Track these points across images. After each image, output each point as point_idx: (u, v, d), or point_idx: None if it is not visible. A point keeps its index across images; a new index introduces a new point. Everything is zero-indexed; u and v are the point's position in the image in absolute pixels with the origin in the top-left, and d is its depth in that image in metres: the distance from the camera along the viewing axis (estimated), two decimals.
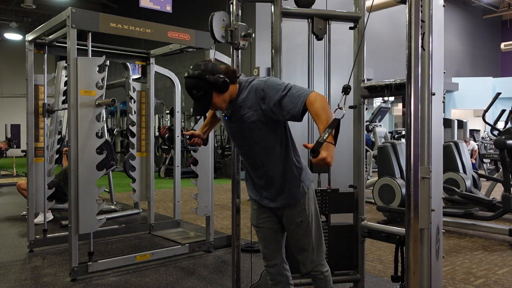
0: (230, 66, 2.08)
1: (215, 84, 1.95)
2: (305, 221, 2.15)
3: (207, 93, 1.97)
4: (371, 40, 6.80)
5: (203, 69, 1.96)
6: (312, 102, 1.87)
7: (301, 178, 2.15)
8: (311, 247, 2.18)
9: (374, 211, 5.76)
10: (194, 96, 1.98)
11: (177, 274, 3.58)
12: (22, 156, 16.84)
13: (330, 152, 1.75)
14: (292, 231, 2.19)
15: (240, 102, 2.05)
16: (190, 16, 12.01)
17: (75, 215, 3.31)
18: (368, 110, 12.71)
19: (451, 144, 6.11)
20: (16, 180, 9.59)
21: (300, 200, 2.15)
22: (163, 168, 11.18)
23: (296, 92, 1.92)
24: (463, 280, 3.42)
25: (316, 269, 2.21)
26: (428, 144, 2.16)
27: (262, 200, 2.21)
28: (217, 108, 2.06)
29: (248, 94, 2.03)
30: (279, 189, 2.13)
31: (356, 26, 2.79)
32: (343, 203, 2.77)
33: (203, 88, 1.96)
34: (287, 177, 2.11)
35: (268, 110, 1.97)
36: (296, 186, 2.13)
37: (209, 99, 1.99)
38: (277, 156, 2.09)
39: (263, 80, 2.02)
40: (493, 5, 18.46)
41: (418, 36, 1.92)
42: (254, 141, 2.07)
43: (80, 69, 3.34)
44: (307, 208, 2.16)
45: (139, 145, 4.95)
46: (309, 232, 2.16)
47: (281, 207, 2.17)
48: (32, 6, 14.01)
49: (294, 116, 1.93)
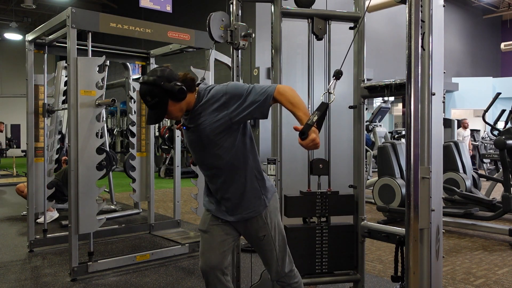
0: (188, 74, 1.97)
1: (171, 92, 1.85)
2: (268, 235, 2.07)
3: (162, 101, 1.87)
4: (371, 40, 6.81)
5: (159, 75, 1.86)
6: (281, 92, 1.85)
7: (262, 190, 2.06)
8: (275, 259, 2.10)
9: (374, 211, 5.76)
10: (148, 104, 1.88)
11: (177, 274, 3.58)
12: (22, 156, 16.84)
13: (317, 135, 1.75)
14: (256, 245, 2.12)
15: (198, 110, 1.95)
16: (190, 16, 12.01)
17: (75, 215, 3.31)
18: (368, 110, 12.72)
19: (451, 144, 6.11)
20: (16, 180, 9.60)
21: (261, 213, 2.05)
22: (163, 168, 11.17)
23: (261, 88, 1.89)
24: (463, 280, 3.42)
25: (282, 280, 2.15)
26: (428, 144, 2.16)
27: (219, 213, 2.09)
28: (172, 117, 1.95)
29: (208, 102, 1.93)
30: (239, 202, 2.03)
31: (356, 26, 2.79)
32: (343, 205, 2.76)
33: (158, 95, 1.85)
34: (247, 189, 2.02)
35: (232, 112, 1.89)
36: (257, 198, 2.04)
37: (164, 107, 1.88)
38: (237, 168, 2.00)
39: (224, 85, 1.95)
40: (493, 5, 18.45)
41: (418, 36, 1.92)
42: (213, 151, 1.97)
43: (80, 69, 3.34)
44: (269, 221, 2.07)
45: (139, 145, 4.95)
46: (273, 245, 2.08)
47: (241, 221, 2.06)
48: (32, 6, 14.00)
49: (262, 111, 1.89)
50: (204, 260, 2.07)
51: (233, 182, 2.02)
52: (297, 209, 2.69)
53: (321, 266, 2.73)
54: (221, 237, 2.08)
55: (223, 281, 2.07)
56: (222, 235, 2.08)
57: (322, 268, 2.74)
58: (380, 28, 13.17)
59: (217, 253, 2.06)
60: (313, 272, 2.74)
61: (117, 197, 7.18)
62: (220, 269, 2.06)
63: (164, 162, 11.28)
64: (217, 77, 4.31)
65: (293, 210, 2.68)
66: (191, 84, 1.94)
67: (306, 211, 2.70)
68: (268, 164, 2.70)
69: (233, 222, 2.09)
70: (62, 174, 5.58)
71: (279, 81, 2.67)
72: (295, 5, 2.74)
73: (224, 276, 2.09)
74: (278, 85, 1.89)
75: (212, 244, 2.07)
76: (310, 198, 2.69)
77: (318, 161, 2.72)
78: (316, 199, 2.70)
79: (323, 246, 2.73)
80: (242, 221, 2.07)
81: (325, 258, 2.73)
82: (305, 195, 2.70)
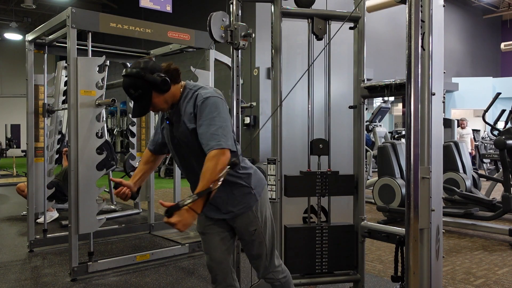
0: (172, 64, 1.91)
1: (154, 83, 1.82)
2: (258, 229, 2.05)
3: (145, 93, 1.84)
4: (371, 40, 6.80)
5: (141, 67, 1.82)
6: (212, 156, 1.72)
7: (252, 185, 2.02)
8: (264, 254, 2.09)
9: (374, 211, 5.76)
10: (132, 96, 1.85)
11: (177, 274, 3.58)
12: (22, 156, 16.85)
13: (184, 220, 1.62)
14: (246, 240, 2.09)
15: (182, 107, 1.90)
16: (190, 16, 12.00)
17: (75, 215, 3.31)
18: (368, 110, 12.72)
19: (451, 144, 6.11)
20: (16, 180, 9.59)
21: (252, 207, 2.02)
22: (163, 168, 11.17)
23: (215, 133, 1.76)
24: (463, 280, 3.42)
25: (270, 276, 2.13)
26: (428, 144, 2.16)
27: (211, 213, 2.05)
28: (157, 109, 1.92)
29: (190, 101, 1.89)
30: (227, 200, 1.99)
31: (356, 26, 2.79)
32: (343, 185, 2.76)
33: (141, 87, 1.82)
34: (235, 187, 1.98)
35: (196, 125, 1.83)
36: (247, 193, 2.01)
37: (148, 100, 1.85)
38: None
39: (204, 97, 1.85)
40: (493, 5, 18.45)
41: (418, 36, 1.92)
42: (195, 152, 1.90)
43: (80, 69, 3.33)
44: (259, 215, 2.05)
45: (139, 145, 4.95)
46: (263, 239, 2.07)
47: (233, 217, 2.03)
48: (32, 6, 14.00)
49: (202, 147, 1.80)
50: (209, 257, 2.08)
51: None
52: (297, 188, 2.69)
53: (321, 266, 2.73)
54: (220, 234, 2.07)
55: (229, 278, 2.07)
56: (220, 233, 2.08)
57: (322, 268, 2.74)
58: (380, 28, 13.17)
59: (219, 251, 2.06)
60: (313, 272, 2.73)
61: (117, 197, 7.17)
62: (227, 264, 2.07)
63: (164, 162, 11.28)
64: (217, 77, 4.32)
65: (293, 189, 2.68)
66: (175, 75, 1.90)
67: (306, 190, 2.70)
68: (268, 164, 2.70)
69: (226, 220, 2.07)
70: (62, 174, 5.58)
71: (279, 81, 2.67)
72: (295, 5, 2.74)
73: (232, 274, 2.10)
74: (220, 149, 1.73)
75: (214, 243, 2.07)
76: (310, 177, 2.69)
77: (318, 141, 2.73)
78: (316, 178, 2.69)
79: (323, 246, 2.73)
80: (234, 217, 2.04)
81: (325, 258, 2.73)
82: (305, 175, 2.70)
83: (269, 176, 2.67)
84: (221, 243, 2.07)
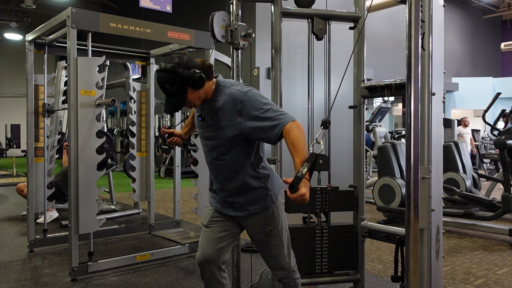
0: (207, 61, 1.94)
1: (190, 79, 1.83)
2: (274, 229, 2.06)
3: (181, 89, 1.85)
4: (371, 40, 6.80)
5: (177, 62, 1.83)
6: (289, 130, 1.77)
7: (269, 186, 2.05)
8: (282, 254, 2.10)
9: (374, 211, 5.76)
10: (167, 91, 1.86)
11: (177, 274, 3.58)
12: (22, 156, 16.85)
13: (308, 189, 1.70)
14: (261, 241, 2.10)
15: (217, 105, 1.93)
16: (190, 16, 12.00)
17: (75, 215, 3.31)
18: (368, 110, 12.71)
19: (451, 144, 6.11)
20: (16, 180, 9.59)
21: (269, 208, 2.05)
22: (163, 168, 11.18)
23: (275, 116, 1.81)
24: (463, 280, 3.42)
25: (287, 276, 2.14)
26: (428, 144, 2.16)
27: (224, 209, 2.09)
28: (191, 105, 1.94)
29: (226, 100, 1.91)
30: (246, 200, 2.02)
31: (356, 26, 2.79)
32: (343, 201, 2.76)
33: (177, 83, 1.83)
34: (254, 188, 2.01)
35: (244, 126, 1.87)
36: (265, 195, 2.03)
37: (183, 95, 1.86)
38: (245, 168, 1.99)
39: (243, 91, 1.89)
40: (493, 5, 18.45)
41: (418, 36, 1.92)
42: (225, 151, 1.96)
43: (80, 69, 3.34)
44: (276, 215, 2.06)
45: (139, 145, 4.95)
46: (280, 240, 2.08)
47: (248, 216, 2.05)
48: (32, 6, 14.01)
49: (268, 141, 1.85)
50: (200, 253, 2.07)
51: (240, 182, 2.00)
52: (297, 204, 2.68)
53: (321, 266, 2.73)
54: (220, 233, 2.08)
55: (217, 276, 2.07)
56: (221, 231, 2.08)
57: (322, 268, 2.73)
58: (380, 28, 13.17)
59: (213, 248, 2.05)
60: (313, 272, 2.73)
61: (117, 197, 7.18)
62: (216, 264, 2.05)
63: (164, 162, 11.29)
64: None
65: (293, 206, 2.68)
66: (209, 71, 1.92)
67: (306, 206, 2.69)
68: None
69: (238, 217, 2.08)
70: (62, 174, 5.58)
71: (279, 81, 2.67)
72: (295, 5, 2.74)
73: (220, 272, 2.08)
74: (291, 121, 1.79)
75: (211, 239, 2.07)
76: (310, 193, 2.68)
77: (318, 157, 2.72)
78: (316, 194, 2.69)
79: (323, 246, 2.73)
80: (249, 216, 2.05)
81: (325, 258, 2.73)
82: None
83: None
84: (218, 240, 2.07)
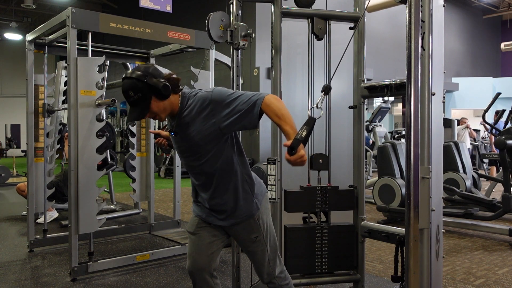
0: (174, 74, 1.92)
1: (155, 88, 1.80)
2: (260, 235, 2.06)
3: (145, 97, 1.82)
4: (371, 40, 6.80)
5: (143, 70, 1.83)
6: (268, 103, 1.79)
7: (254, 193, 2.05)
8: (266, 260, 2.10)
9: (374, 211, 5.76)
10: (130, 99, 1.83)
11: (177, 274, 3.58)
12: (22, 156, 16.85)
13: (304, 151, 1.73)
14: (247, 247, 2.10)
15: (186, 117, 1.90)
16: (190, 16, 12.00)
17: (75, 215, 3.31)
18: (368, 110, 12.72)
19: (451, 144, 6.11)
20: (16, 180, 9.59)
21: (254, 216, 2.04)
22: (163, 168, 11.18)
23: (248, 96, 1.83)
24: (463, 280, 3.42)
25: (273, 281, 2.14)
26: (428, 144, 2.16)
27: (209, 219, 2.07)
28: (155, 116, 1.90)
29: (194, 108, 1.89)
30: (231, 208, 2.01)
31: (356, 26, 2.79)
32: (343, 200, 2.76)
33: (141, 90, 1.81)
34: (239, 195, 2.00)
35: (221, 123, 1.85)
36: (249, 202, 2.03)
37: (146, 104, 1.83)
38: (228, 175, 1.98)
39: (210, 91, 1.89)
40: (493, 5, 18.44)
41: (418, 36, 1.92)
42: (203, 159, 1.94)
43: (80, 69, 3.34)
44: (261, 222, 2.06)
45: (139, 145, 4.95)
46: (265, 246, 2.08)
47: (234, 224, 2.04)
48: (32, 6, 14.01)
49: (250, 121, 1.82)
50: (191, 262, 2.04)
51: (224, 189, 1.99)
52: (297, 204, 2.68)
53: (321, 266, 2.73)
54: (209, 239, 2.06)
55: (210, 283, 2.05)
56: (210, 237, 2.07)
57: (322, 268, 2.73)
58: (380, 28, 13.16)
59: (204, 255, 2.04)
60: (313, 272, 2.73)
61: (117, 197, 7.18)
62: (208, 271, 2.04)
63: (164, 162, 11.29)
64: (217, 77, 4.31)
65: (293, 205, 2.68)
66: (176, 84, 1.89)
67: (306, 206, 2.70)
68: (268, 164, 2.70)
69: (224, 226, 2.08)
70: (62, 175, 5.58)
71: (279, 81, 2.67)
72: (295, 5, 2.74)
73: (213, 279, 2.06)
74: (266, 96, 1.82)
75: (200, 246, 2.05)
76: (310, 192, 2.69)
77: (318, 156, 2.72)
78: (316, 194, 2.69)
79: (323, 246, 2.72)
80: (235, 224, 2.05)
81: (325, 258, 2.73)
82: (305, 190, 2.70)
83: (269, 176, 2.67)
84: (208, 246, 2.05)
